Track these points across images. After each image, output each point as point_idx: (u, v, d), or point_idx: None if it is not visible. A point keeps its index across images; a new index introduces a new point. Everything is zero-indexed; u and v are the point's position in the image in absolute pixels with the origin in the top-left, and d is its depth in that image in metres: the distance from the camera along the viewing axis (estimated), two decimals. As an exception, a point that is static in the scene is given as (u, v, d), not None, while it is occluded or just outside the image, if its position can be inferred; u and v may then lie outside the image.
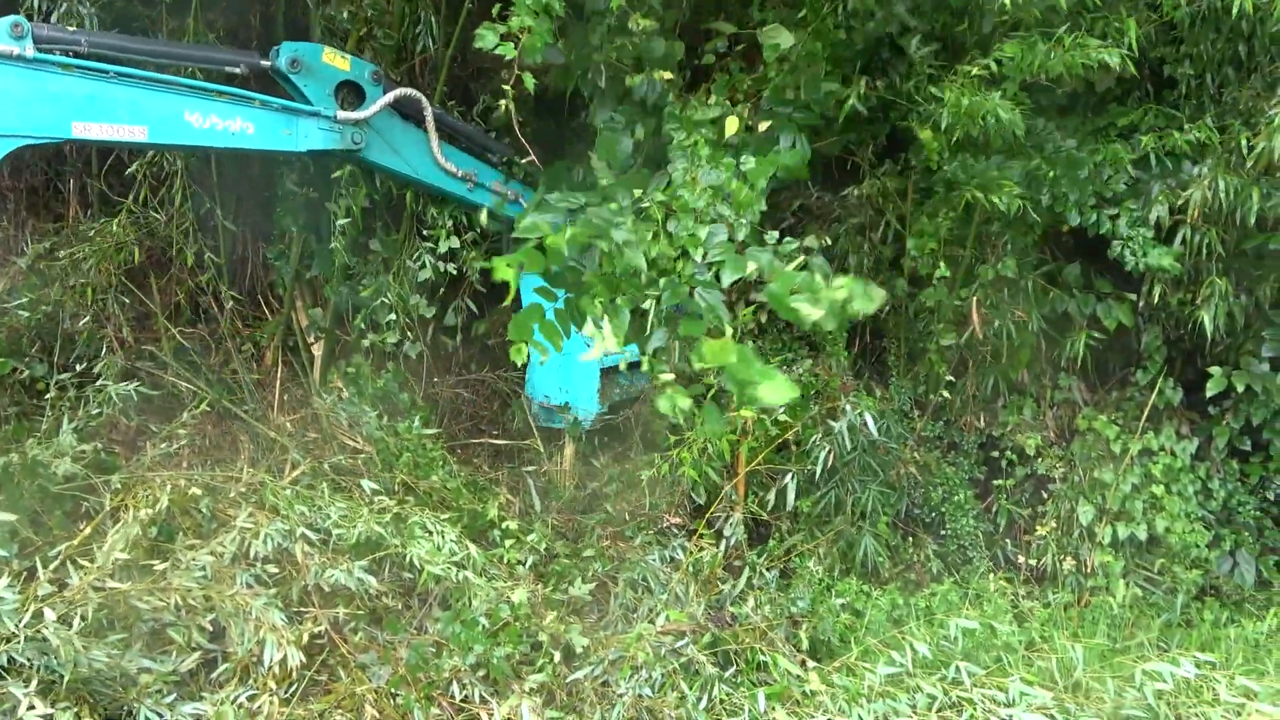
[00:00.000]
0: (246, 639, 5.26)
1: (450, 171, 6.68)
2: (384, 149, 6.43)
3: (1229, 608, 6.84)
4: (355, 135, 6.22)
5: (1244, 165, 6.57)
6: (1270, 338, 7.04)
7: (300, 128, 6.08)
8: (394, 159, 6.48)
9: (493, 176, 6.93)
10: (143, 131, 5.63)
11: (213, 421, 6.87)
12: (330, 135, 6.15)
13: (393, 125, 6.46)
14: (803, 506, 6.67)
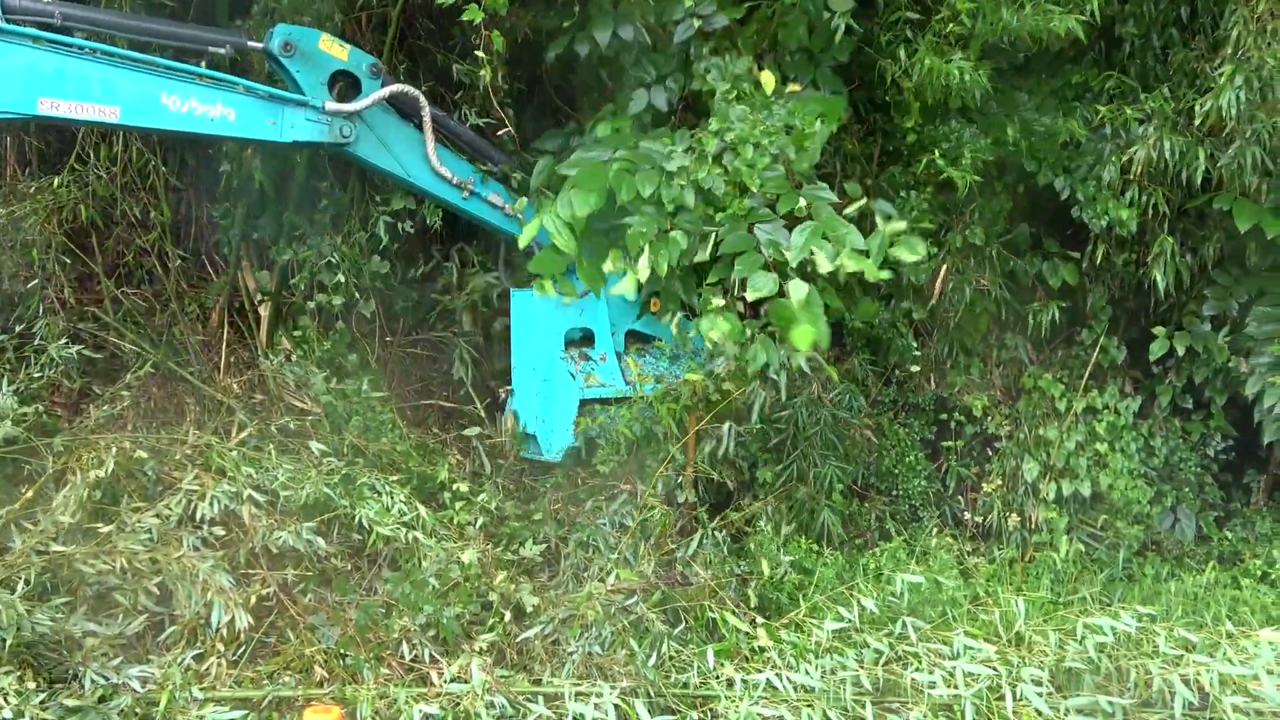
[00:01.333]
0: (194, 601, 5.23)
1: (444, 177, 6.44)
2: (375, 146, 6.21)
3: (1170, 562, 6.97)
4: (345, 128, 6.00)
5: (1190, 126, 6.64)
6: (1213, 296, 7.14)
7: (286, 117, 5.86)
8: (385, 157, 6.26)
9: (491, 188, 6.70)
10: (114, 112, 5.43)
11: (158, 383, 6.78)
12: (317, 127, 5.93)
13: (387, 122, 6.25)
14: (764, 476, 6.70)
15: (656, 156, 6.07)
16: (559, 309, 6.77)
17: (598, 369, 6.75)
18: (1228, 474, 7.54)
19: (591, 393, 6.67)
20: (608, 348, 6.85)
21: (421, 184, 6.43)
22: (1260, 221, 6.65)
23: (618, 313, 6.91)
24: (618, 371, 6.79)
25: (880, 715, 4.52)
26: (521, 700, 4.97)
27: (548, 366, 6.75)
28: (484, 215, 6.67)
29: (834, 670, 4.87)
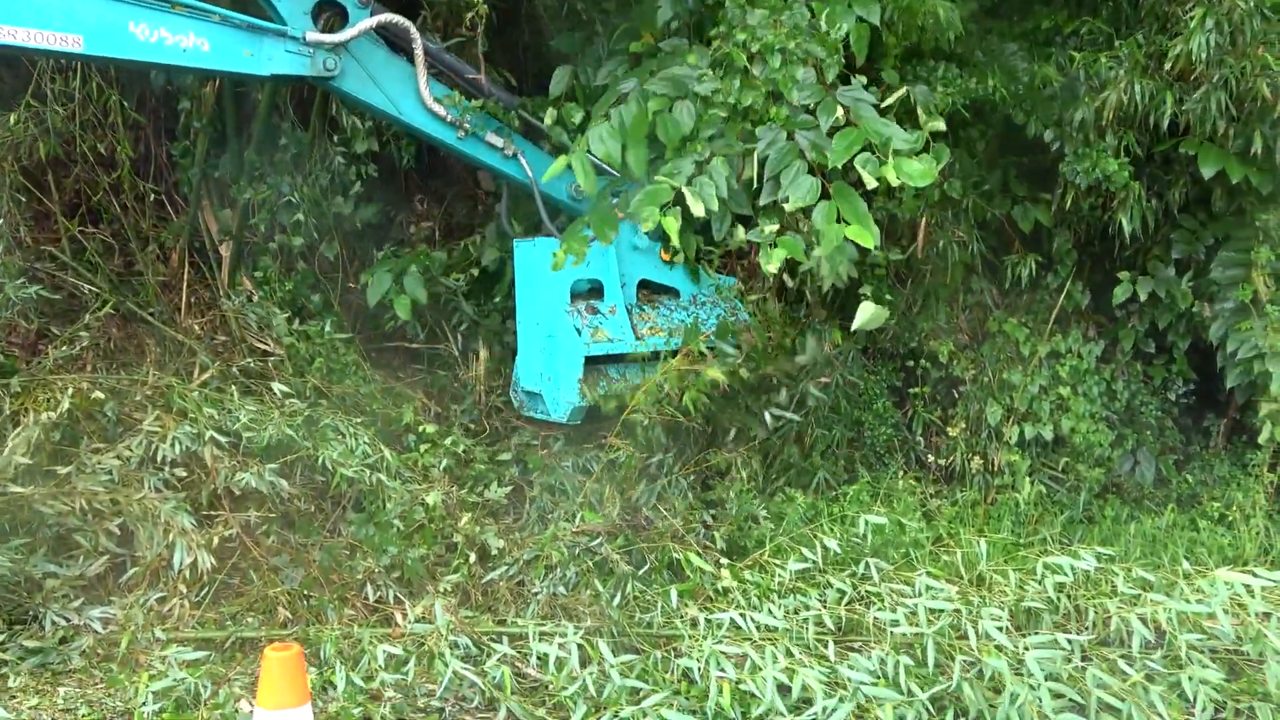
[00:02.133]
0: (155, 543, 5.21)
1: (438, 115, 6.04)
2: (363, 81, 5.85)
3: (1129, 505, 7.05)
4: (328, 61, 5.65)
5: (1160, 69, 6.62)
6: (1178, 241, 7.17)
7: (265, 49, 5.53)
8: (374, 93, 5.89)
9: (489, 126, 6.27)
10: (78, 41, 5.13)
11: (117, 324, 6.69)
12: (299, 60, 5.59)
13: (375, 55, 5.88)
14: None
15: (687, 81, 5.77)
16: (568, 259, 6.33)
17: (606, 323, 6.35)
18: (1188, 418, 7.61)
19: (599, 348, 6.26)
20: (617, 300, 6.46)
21: (414, 122, 6.06)
22: (1225, 166, 6.67)
23: (628, 262, 6.56)
24: (628, 325, 6.41)
25: (843, 653, 4.56)
26: (486, 640, 4.99)
27: (552, 321, 6.36)
28: (482, 157, 6.31)
29: (797, 610, 4.91)
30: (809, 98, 5.73)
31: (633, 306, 6.53)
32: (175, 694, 4.48)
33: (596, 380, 6.30)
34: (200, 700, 4.47)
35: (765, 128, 5.72)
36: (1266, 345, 6.55)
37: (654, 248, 6.58)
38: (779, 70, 5.63)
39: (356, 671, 4.67)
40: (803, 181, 5.61)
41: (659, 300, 6.64)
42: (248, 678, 4.73)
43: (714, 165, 5.66)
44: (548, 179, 5.94)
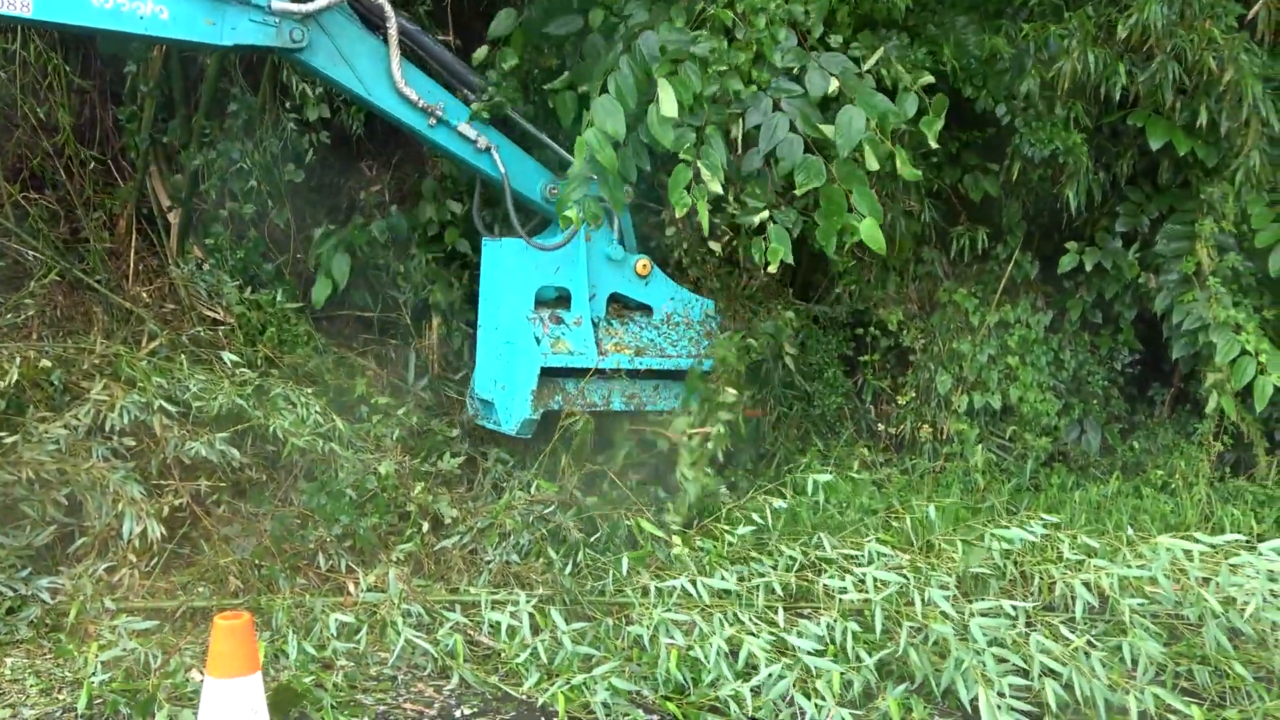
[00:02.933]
0: (104, 512, 5.18)
1: (409, 99, 5.74)
2: (332, 56, 5.56)
3: (1075, 473, 7.16)
4: (295, 31, 5.38)
5: (1112, 40, 6.67)
6: (1124, 213, 7.25)
7: (227, 17, 5.30)
8: (342, 70, 5.60)
9: (462, 116, 5.96)
10: (27, 6, 4.93)
11: (63, 292, 6.60)
12: (263, 29, 5.34)
13: (348, 30, 5.61)
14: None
15: (681, 43, 5.54)
16: (532, 263, 6.12)
17: (569, 334, 6.07)
18: (1133, 387, 7.72)
19: (556, 360, 5.97)
20: (583, 311, 6.18)
21: (382, 104, 5.77)
22: (1172, 138, 6.74)
23: (600, 273, 6.27)
24: (591, 339, 6.12)
25: (792, 620, 4.61)
26: (438, 609, 5.01)
27: (512, 327, 6.13)
28: (452, 148, 6.00)
29: (748, 577, 4.96)
30: (792, 61, 5.68)
31: (600, 320, 6.28)
32: (125, 664, 4.48)
33: (552, 394, 6.06)
34: (150, 670, 4.46)
35: (750, 94, 5.64)
36: (1211, 317, 6.65)
37: (628, 260, 6.35)
38: (764, 30, 5.56)
39: (308, 640, 4.69)
40: (807, 161, 5.50)
41: (629, 316, 6.42)
42: (199, 647, 4.73)
43: (710, 132, 5.52)
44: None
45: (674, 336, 6.40)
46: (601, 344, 6.17)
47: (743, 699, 4.18)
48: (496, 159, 6.05)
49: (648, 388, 6.30)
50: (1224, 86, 6.57)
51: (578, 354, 6.04)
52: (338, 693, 4.40)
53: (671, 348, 6.34)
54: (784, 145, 5.56)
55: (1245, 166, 6.66)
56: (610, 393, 6.21)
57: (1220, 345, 6.59)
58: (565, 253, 6.12)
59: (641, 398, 6.29)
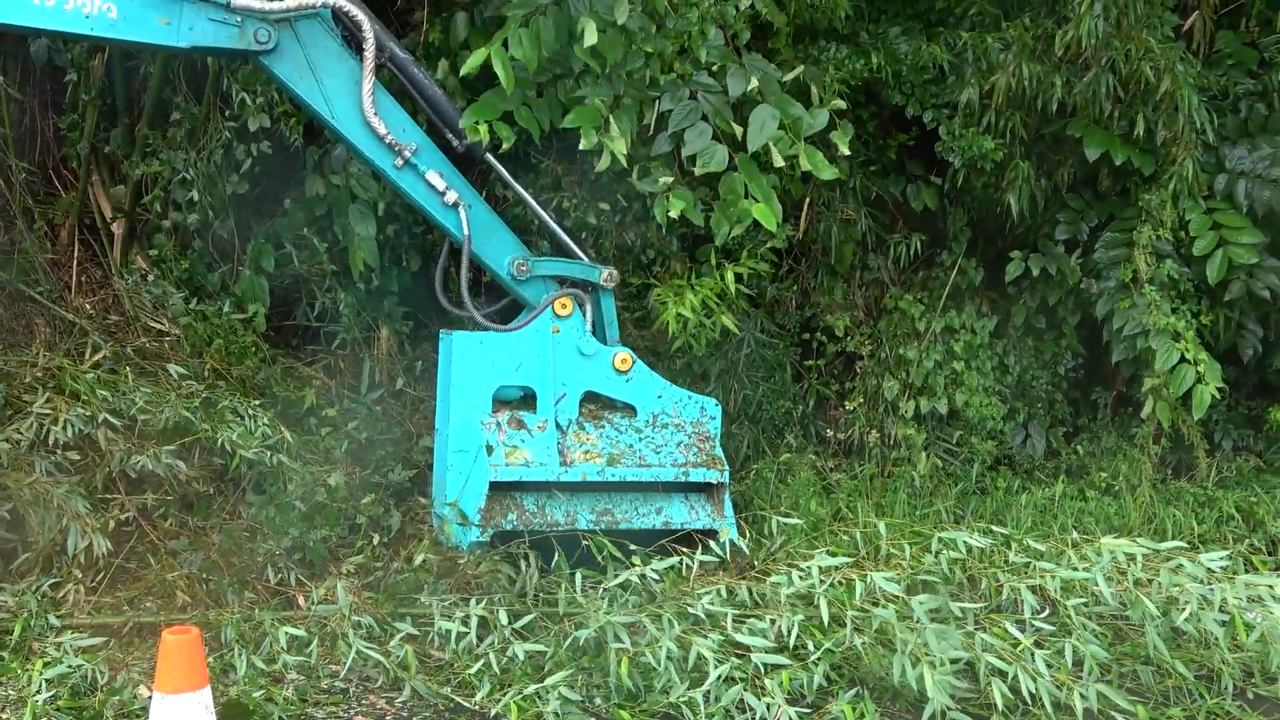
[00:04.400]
0: (48, 528, 5.10)
1: (376, 131, 5.26)
2: (300, 66, 5.13)
3: (1021, 476, 7.26)
4: (260, 32, 4.99)
5: (1049, 52, 6.79)
6: (1065, 220, 7.37)
7: (184, 16, 4.92)
8: (308, 83, 5.15)
9: (434, 164, 5.46)
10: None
11: (4, 303, 6.49)
12: (224, 29, 4.96)
13: (324, 47, 5.19)
14: None
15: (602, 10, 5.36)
16: (490, 359, 5.57)
17: (528, 442, 5.47)
18: (1077, 391, 7.85)
19: (510, 474, 5.37)
20: (549, 414, 5.58)
21: (344, 131, 5.29)
22: (1109, 148, 6.87)
23: (572, 370, 5.66)
24: (553, 447, 5.49)
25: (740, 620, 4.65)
26: (389, 620, 4.99)
27: (463, 433, 5.55)
28: (416, 196, 5.48)
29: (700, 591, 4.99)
30: (716, 59, 5.79)
31: (570, 423, 5.66)
32: (70, 681, 4.40)
33: (504, 511, 5.42)
34: (97, 687, 4.40)
35: (670, 80, 5.76)
36: (1150, 323, 6.77)
37: (603, 354, 5.78)
38: (695, 24, 5.64)
39: (258, 654, 4.65)
40: (712, 147, 5.67)
41: (607, 418, 5.80)
42: (147, 663, 4.67)
43: (626, 104, 5.54)
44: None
45: (659, 440, 5.76)
46: (568, 452, 5.55)
47: (695, 704, 4.20)
48: (463, 218, 5.52)
49: (623, 502, 5.62)
50: (1160, 96, 6.71)
51: (537, 465, 5.42)
52: (288, 706, 4.36)
53: (654, 454, 5.69)
54: (692, 130, 5.69)
55: (1180, 175, 6.80)
56: (576, 509, 5.52)
57: (1159, 352, 6.71)
58: (530, 346, 5.61)
59: (615, 514, 5.58)
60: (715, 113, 5.73)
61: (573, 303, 5.69)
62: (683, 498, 5.72)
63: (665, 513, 5.64)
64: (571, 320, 5.67)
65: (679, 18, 5.68)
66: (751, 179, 5.71)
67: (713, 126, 5.74)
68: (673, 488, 5.71)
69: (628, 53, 5.56)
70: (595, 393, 5.79)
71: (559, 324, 5.64)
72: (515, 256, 5.67)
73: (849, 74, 6.70)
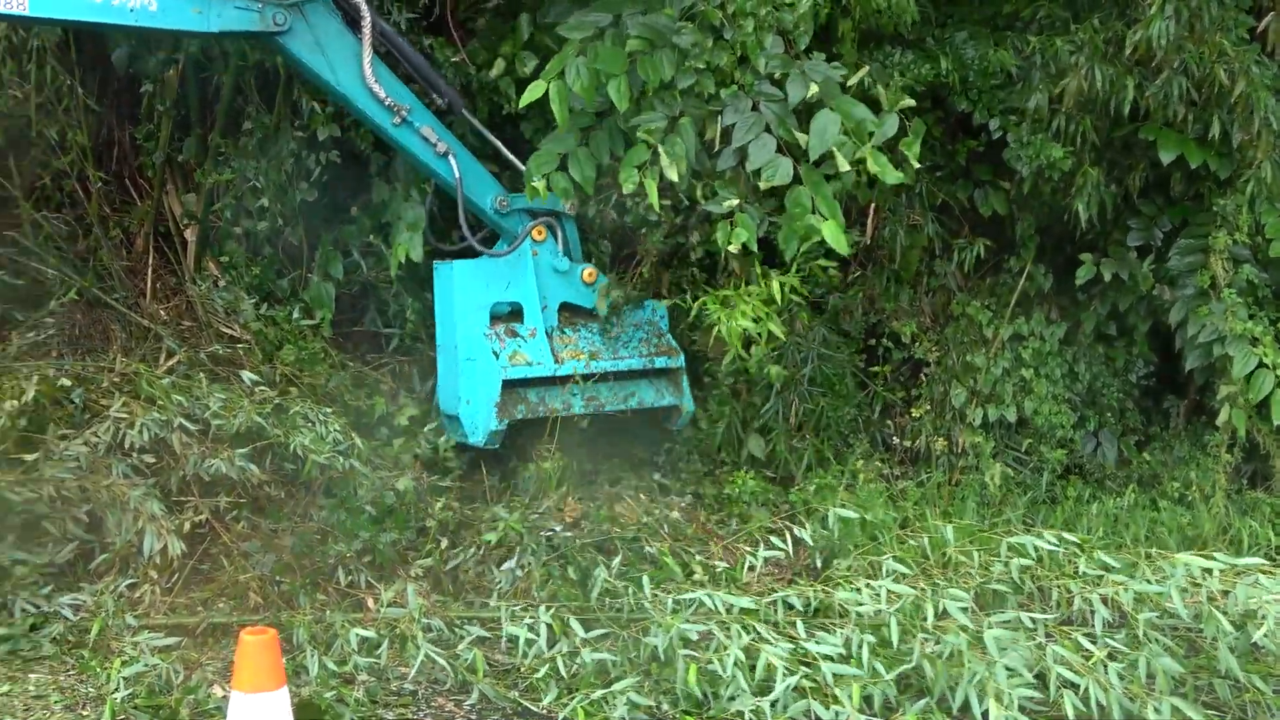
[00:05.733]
0: (125, 529, 5.21)
1: (377, 95, 5.93)
2: (310, 45, 5.77)
3: (1091, 485, 7.15)
4: (278, 16, 5.60)
5: (1119, 55, 6.70)
6: (1137, 226, 7.26)
7: (212, 4, 5.48)
8: (318, 58, 5.81)
9: (426, 120, 6.15)
10: (23, 4, 5.07)
11: (82, 310, 6.63)
12: (247, 15, 5.55)
13: (328, 23, 5.83)
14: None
15: (665, 30, 5.69)
16: (484, 282, 6.39)
17: (525, 346, 6.33)
18: (1148, 399, 7.72)
19: (516, 372, 6.21)
20: (537, 323, 6.43)
21: (352, 97, 5.97)
22: (1184, 152, 6.76)
23: (549, 285, 6.54)
24: (547, 349, 6.38)
25: (810, 632, 4.62)
26: (458, 624, 5.03)
27: (470, 344, 6.34)
28: (413, 148, 6.16)
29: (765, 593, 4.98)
30: (777, 67, 5.76)
31: (553, 329, 6.50)
32: (147, 680, 4.50)
33: (515, 404, 6.24)
34: (173, 686, 4.49)
35: (731, 94, 5.75)
36: (1227, 329, 6.65)
37: (575, 270, 6.58)
38: (750, 34, 5.64)
39: (329, 655, 4.71)
40: (776, 160, 5.64)
41: (580, 323, 6.61)
42: (220, 663, 4.76)
43: (683, 123, 5.67)
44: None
45: (624, 338, 6.60)
46: (557, 353, 6.39)
47: (762, 713, 4.19)
48: (453, 164, 6.19)
49: (604, 390, 6.49)
50: (1235, 98, 6.60)
51: (536, 364, 6.29)
52: (359, 708, 4.42)
53: (624, 349, 6.56)
54: (756, 144, 5.70)
55: (1257, 178, 6.68)
56: (570, 398, 6.39)
57: (1237, 358, 6.60)
58: (515, 268, 6.42)
59: (600, 399, 6.48)
60: (779, 122, 5.70)
61: (546, 230, 6.49)
62: (648, 382, 6.62)
63: (637, 395, 6.58)
64: (546, 244, 6.50)
65: (735, 28, 5.69)
66: (817, 192, 5.65)
67: (776, 137, 5.71)
68: (639, 375, 6.59)
69: (680, 70, 5.65)
70: (569, 303, 6.63)
71: (537, 248, 6.47)
72: (497, 194, 6.42)
73: (915, 79, 6.66)
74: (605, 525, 5.97)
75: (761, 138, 5.69)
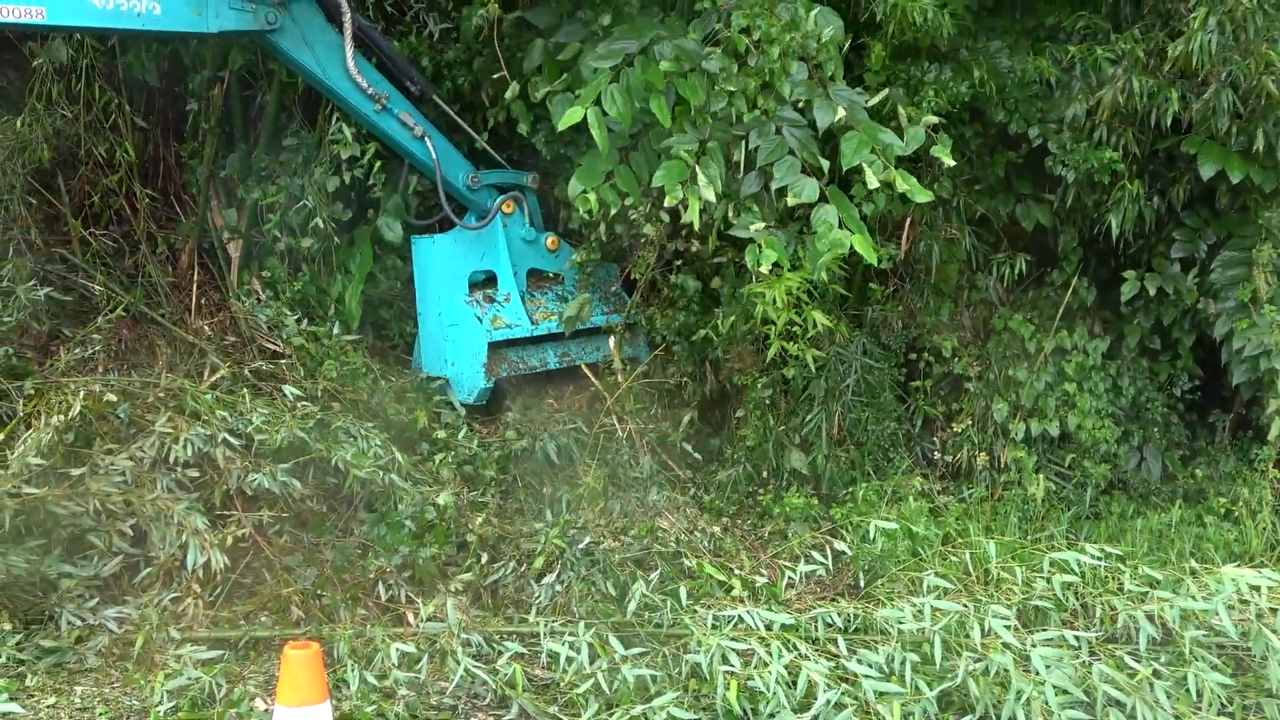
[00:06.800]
0: (169, 543, 5.25)
1: (360, 85, 6.37)
2: (298, 41, 6.19)
3: (1135, 501, 7.06)
4: (269, 15, 5.97)
5: (1161, 67, 6.64)
6: (1180, 239, 7.18)
7: (210, 6, 5.79)
8: (306, 54, 6.23)
9: (403, 106, 6.62)
10: (40, 13, 5.31)
11: (127, 326, 6.72)
12: (243, 15, 5.89)
13: (312, 21, 6.24)
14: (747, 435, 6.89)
15: (695, 54, 5.88)
16: (461, 253, 6.95)
17: (503, 310, 6.92)
18: (1193, 414, 7.62)
19: (500, 334, 6.82)
20: (511, 288, 7.03)
21: (337, 88, 6.37)
22: (1226, 165, 6.68)
23: (519, 253, 7.14)
24: (522, 311, 6.99)
25: (851, 649, 4.60)
26: (497, 638, 5.04)
27: (454, 311, 6.89)
28: (393, 133, 6.61)
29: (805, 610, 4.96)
30: (801, 94, 5.77)
31: (525, 294, 7.11)
32: (190, 693, 4.54)
33: (499, 363, 6.87)
34: (215, 699, 4.52)
35: (753, 118, 5.78)
36: (1272, 343, 6.56)
37: (540, 238, 7.22)
38: (776, 61, 5.69)
39: (370, 670, 4.73)
40: (802, 180, 5.70)
41: (547, 286, 7.28)
42: (262, 676, 4.79)
43: (711, 147, 5.79)
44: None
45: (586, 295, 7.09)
46: (531, 315, 7.02)
47: (804, 730, 4.17)
48: (430, 146, 6.68)
49: (572, 346, 7.20)
50: (1282, 110, 6.52)
51: (514, 326, 6.92)
52: (399, 722, 4.44)
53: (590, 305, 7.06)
54: (780, 164, 5.78)
55: (1304, 191, 6.60)
56: (545, 355, 7.10)
57: (1283, 372, 6.50)
58: (488, 240, 7.02)
59: (572, 354, 7.19)
60: (802, 146, 5.75)
61: (514, 203, 7.09)
62: (608, 336, 7.17)
63: (601, 349, 7.23)
64: (515, 216, 7.11)
65: (759, 54, 5.73)
66: (843, 209, 5.72)
67: (800, 160, 5.73)
68: (603, 331, 7.21)
69: (710, 95, 5.77)
70: (535, 269, 7.29)
71: (506, 220, 7.07)
72: (468, 172, 6.97)
73: (950, 98, 6.62)
74: (645, 540, 5.96)
75: (786, 159, 5.77)
